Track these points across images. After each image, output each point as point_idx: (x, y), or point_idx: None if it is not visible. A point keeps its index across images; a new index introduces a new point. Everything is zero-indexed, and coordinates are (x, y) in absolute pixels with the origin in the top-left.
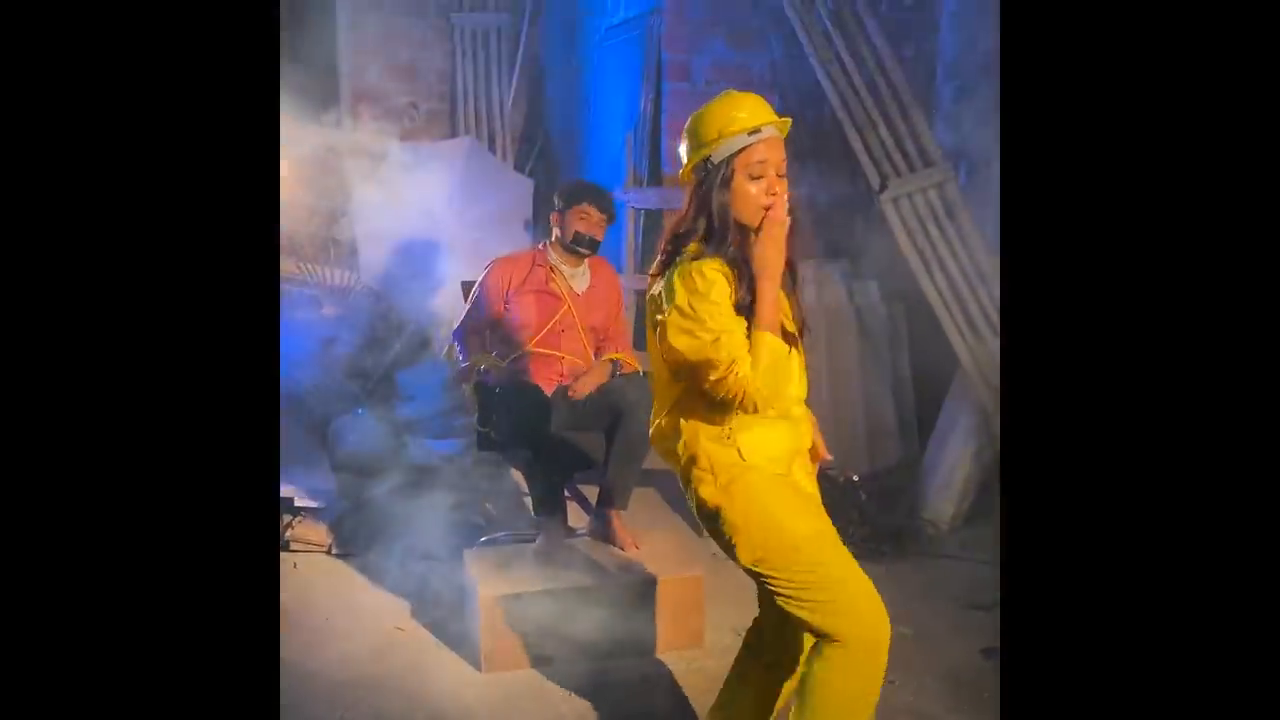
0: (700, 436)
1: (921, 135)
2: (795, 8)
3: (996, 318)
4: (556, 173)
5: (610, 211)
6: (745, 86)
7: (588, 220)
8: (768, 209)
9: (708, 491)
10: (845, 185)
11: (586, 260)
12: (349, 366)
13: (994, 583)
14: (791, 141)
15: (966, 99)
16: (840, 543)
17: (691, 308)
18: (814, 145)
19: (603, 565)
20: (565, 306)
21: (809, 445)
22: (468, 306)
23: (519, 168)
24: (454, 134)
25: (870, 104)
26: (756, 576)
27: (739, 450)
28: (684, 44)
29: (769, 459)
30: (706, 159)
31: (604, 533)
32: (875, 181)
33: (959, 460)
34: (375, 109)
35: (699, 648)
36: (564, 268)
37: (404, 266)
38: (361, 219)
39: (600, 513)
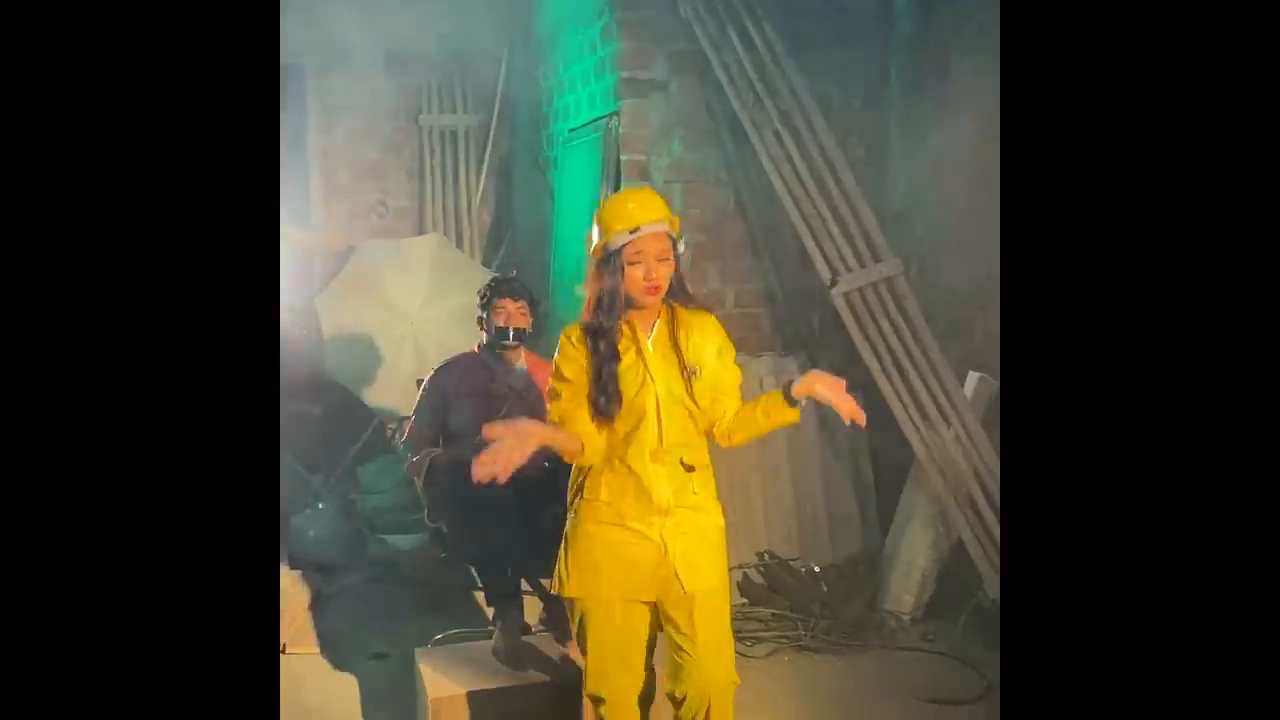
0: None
1: (870, 231)
2: (748, 109)
3: (949, 407)
4: (524, 268)
5: (526, 296)
6: (701, 185)
7: (505, 313)
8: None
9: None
10: (801, 279)
11: (521, 353)
12: (311, 460)
13: (954, 675)
14: (748, 236)
15: (915, 196)
16: (625, 613)
17: (552, 377)
18: (769, 241)
19: (554, 662)
20: (508, 405)
21: (677, 510)
22: (413, 418)
23: (487, 264)
24: (422, 231)
25: (820, 201)
26: None
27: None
28: (642, 144)
29: (605, 501)
30: (605, 245)
31: (555, 625)
32: (826, 277)
33: (918, 551)
34: (344, 207)
35: None
36: (499, 366)
37: (371, 361)
38: (329, 314)
39: (551, 608)
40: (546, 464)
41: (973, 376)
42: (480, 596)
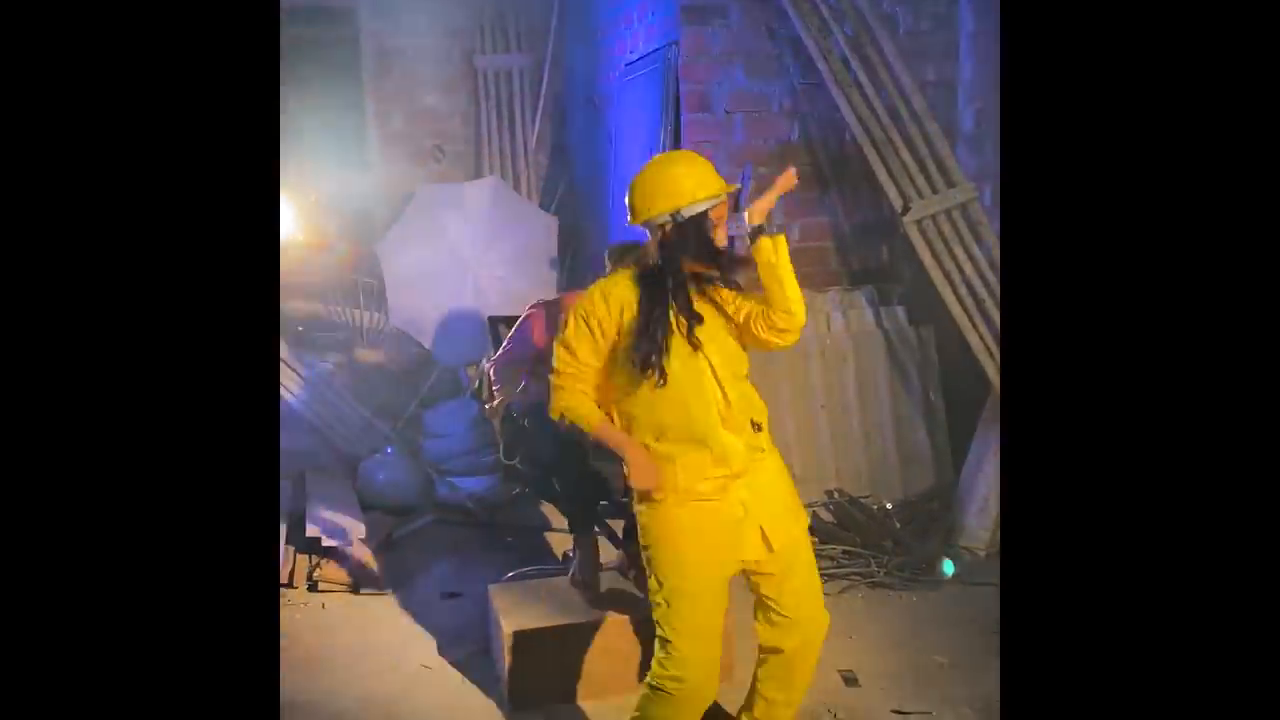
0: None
1: (943, 157)
2: (812, 34)
3: None
4: (581, 208)
5: None
6: (765, 114)
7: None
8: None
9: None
10: (870, 210)
11: None
12: (378, 406)
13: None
14: (813, 167)
15: (987, 120)
16: (713, 595)
17: (563, 337)
18: (836, 171)
19: (629, 598)
20: None
21: (750, 467)
22: (507, 344)
23: (544, 205)
24: (479, 174)
25: (890, 128)
26: None
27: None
28: (702, 74)
29: (685, 488)
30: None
31: (629, 567)
32: (898, 204)
33: (994, 486)
34: (401, 152)
35: (729, 681)
36: None
37: (432, 306)
38: (390, 260)
39: (627, 546)
40: None
41: None
42: (549, 537)
